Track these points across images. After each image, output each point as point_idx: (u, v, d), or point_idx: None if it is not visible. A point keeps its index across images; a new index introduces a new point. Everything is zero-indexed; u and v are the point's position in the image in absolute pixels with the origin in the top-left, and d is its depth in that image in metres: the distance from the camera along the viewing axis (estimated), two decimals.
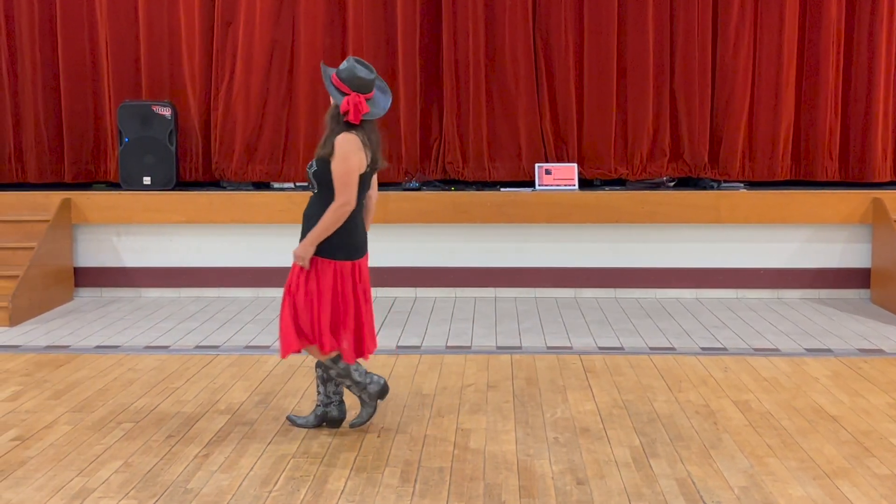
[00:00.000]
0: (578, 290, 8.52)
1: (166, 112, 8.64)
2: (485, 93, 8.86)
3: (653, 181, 8.93)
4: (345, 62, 4.81)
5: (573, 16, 8.83)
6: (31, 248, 7.95)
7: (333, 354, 4.81)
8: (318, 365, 4.95)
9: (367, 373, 4.94)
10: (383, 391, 4.94)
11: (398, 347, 6.72)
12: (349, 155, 4.62)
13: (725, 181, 8.84)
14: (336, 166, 4.63)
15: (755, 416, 5.15)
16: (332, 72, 4.81)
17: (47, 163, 9.15)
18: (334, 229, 4.67)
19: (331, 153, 4.64)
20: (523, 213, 8.35)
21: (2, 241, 8.16)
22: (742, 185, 8.78)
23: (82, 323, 7.58)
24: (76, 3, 9.00)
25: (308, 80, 8.85)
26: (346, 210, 4.65)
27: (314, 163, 4.74)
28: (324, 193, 4.72)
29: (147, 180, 8.64)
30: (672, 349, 6.65)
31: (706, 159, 8.88)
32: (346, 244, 4.75)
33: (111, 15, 8.95)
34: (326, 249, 4.72)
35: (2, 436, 4.90)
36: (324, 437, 4.85)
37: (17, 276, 7.69)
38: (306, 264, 4.72)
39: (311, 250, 4.71)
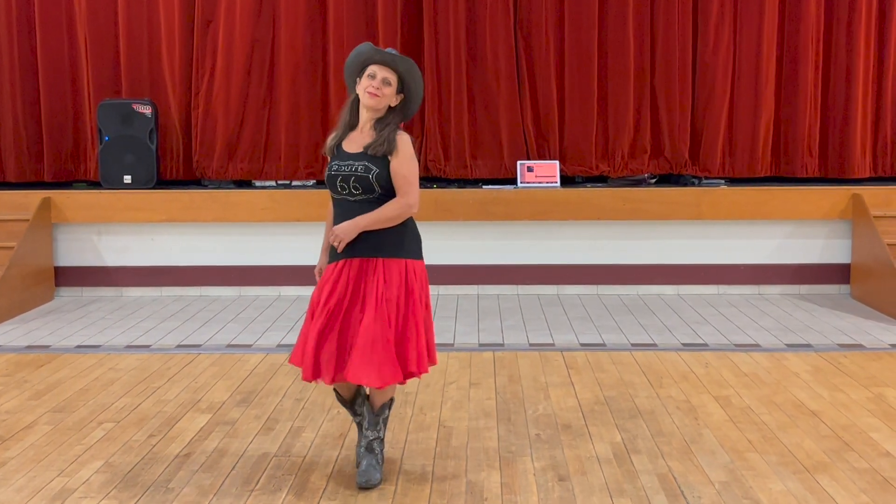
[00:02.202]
0: (561, 286, 8.54)
1: (146, 110, 8.60)
2: (466, 90, 8.87)
3: (634, 178, 8.96)
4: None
5: (554, 14, 8.85)
6: (11, 248, 7.90)
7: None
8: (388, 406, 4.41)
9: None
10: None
11: None
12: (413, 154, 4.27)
13: (706, 178, 8.89)
14: (404, 165, 4.17)
15: (735, 412, 5.17)
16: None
17: (26, 162, 9.10)
18: (389, 225, 4.16)
19: (392, 151, 4.17)
20: (505, 211, 8.35)
21: None
22: (723, 181, 8.82)
23: (63, 323, 7.54)
24: (55, 2, 8.95)
25: (289, 79, 8.85)
26: (412, 212, 4.21)
27: (367, 164, 4.16)
28: (386, 196, 4.19)
29: (127, 179, 8.61)
30: (653, 345, 6.68)
31: (687, 156, 8.92)
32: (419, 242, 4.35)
33: (90, 13, 8.91)
34: (416, 250, 4.29)
35: None
36: (306, 436, 4.84)
37: None
38: (341, 245, 4.14)
39: (355, 233, 4.12)
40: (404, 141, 4.20)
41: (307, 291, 8.46)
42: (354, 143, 4.26)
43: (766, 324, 7.33)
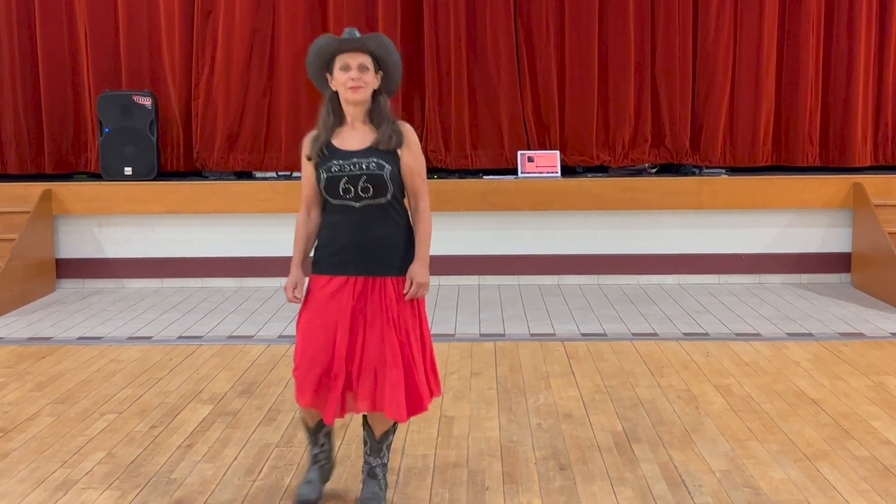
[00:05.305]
0: (561, 276, 8.54)
1: (147, 102, 8.59)
2: (466, 81, 8.86)
3: (635, 168, 8.96)
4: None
5: (554, 3, 8.83)
6: (12, 240, 7.91)
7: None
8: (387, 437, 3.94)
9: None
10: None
11: None
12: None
13: (707, 167, 8.88)
14: (418, 160, 3.78)
15: (736, 400, 5.18)
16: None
17: (27, 154, 9.10)
18: None
19: (400, 144, 3.74)
20: (506, 201, 8.35)
21: None
22: (723, 170, 8.81)
23: (64, 314, 7.55)
24: None
25: (289, 69, 8.82)
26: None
27: (379, 160, 3.69)
28: (395, 200, 3.75)
29: (128, 170, 8.61)
30: (654, 335, 6.68)
31: (687, 145, 8.91)
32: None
33: (90, 4, 8.89)
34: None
35: None
36: None
37: None
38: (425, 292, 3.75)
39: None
40: (410, 131, 3.77)
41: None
42: (352, 140, 3.77)
43: (766, 313, 7.34)
